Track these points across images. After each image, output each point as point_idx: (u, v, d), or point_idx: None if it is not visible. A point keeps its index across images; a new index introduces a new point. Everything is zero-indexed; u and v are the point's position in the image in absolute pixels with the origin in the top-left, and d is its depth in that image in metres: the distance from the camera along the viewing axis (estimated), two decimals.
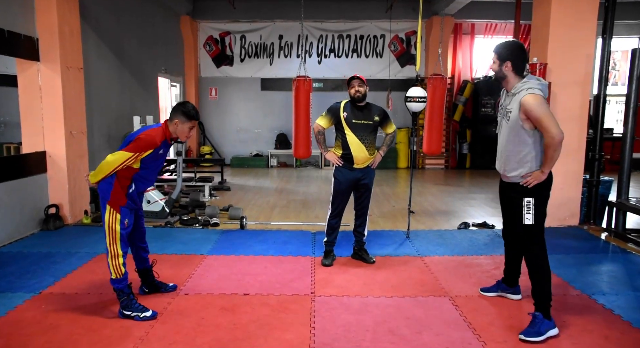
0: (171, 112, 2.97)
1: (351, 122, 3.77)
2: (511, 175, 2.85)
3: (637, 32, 10.62)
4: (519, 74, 2.78)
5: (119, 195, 2.87)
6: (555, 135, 2.61)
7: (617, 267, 4.04)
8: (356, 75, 3.82)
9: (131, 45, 7.34)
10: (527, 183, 2.78)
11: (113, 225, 2.87)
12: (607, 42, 5.24)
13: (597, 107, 5.39)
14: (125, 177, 2.88)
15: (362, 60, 10.79)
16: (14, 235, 4.56)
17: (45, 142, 4.98)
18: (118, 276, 2.91)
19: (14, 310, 3.02)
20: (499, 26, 10.51)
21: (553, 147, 2.64)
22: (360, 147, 3.76)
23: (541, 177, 2.75)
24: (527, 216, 2.79)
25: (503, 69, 2.79)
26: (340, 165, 3.85)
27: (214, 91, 11.03)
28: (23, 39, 4.62)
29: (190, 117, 2.94)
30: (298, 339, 2.70)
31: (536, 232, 2.82)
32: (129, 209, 2.94)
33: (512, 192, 2.89)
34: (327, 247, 4.03)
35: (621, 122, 9.88)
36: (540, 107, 2.63)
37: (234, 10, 9.85)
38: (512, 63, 2.76)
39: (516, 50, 2.79)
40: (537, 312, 2.78)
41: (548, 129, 2.62)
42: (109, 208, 2.87)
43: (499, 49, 2.82)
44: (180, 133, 2.96)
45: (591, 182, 5.38)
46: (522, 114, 2.69)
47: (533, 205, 2.79)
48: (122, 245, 2.92)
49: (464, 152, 10.55)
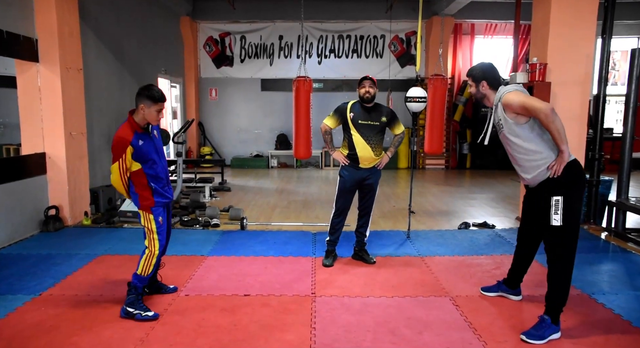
0: (135, 97, 2.88)
1: (357, 122, 3.78)
2: (534, 174, 2.75)
3: (636, 32, 10.62)
4: (495, 89, 2.88)
5: (145, 197, 2.96)
6: (542, 108, 2.58)
7: (617, 267, 4.04)
8: (368, 76, 3.80)
9: (131, 46, 7.34)
10: (555, 172, 2.66)
11: (149, 225, 2.99)
12: (606, 42, 5.24)
13: (597, 107, 5.39)
14: (138, 180, 2.94)
15: (362, 61, 10.78)
16: (14, 237, 4.56)
17: (45, 143, 4.98)
18: (144, 274, 2.98)
19: (14, 312, 3.02)
20: (499, 26, 10.51)
21: (548, 118, 2.57)
22: (366, 147, 3.77)
23: (564, 157, 2.64)
24: (555, 217, 2.67)
25: (481, 89, 2.92)
26: (347, 165, 3.86)
27: (214, 92, 11.03)
28: (22, 40, 4.62)
29: (155, 100, 2.85)
30: (299, 340, 2.70)
31: (566, 235, 2.69)
32: (159, 207, 3.00)
33: (540, 190, 2.77)
34: (329, 247, 4.03)
35: (621, 122, 9.87)
36: (517, 96, 2.68)
37: (234, 11, 9.85)
38: (487, 82, 2.88)
39: (487, 69, 2.92)
40: (547, 316, 2.73)
41: (534, 107, 2.61)
42: (142, 213, 2.99)
43: (472, 72, 2.96)
44: (149, 117, 2.87)
45: (591, 182, 5.37)
46: (509, 114, 2.72)
47: (562, 204, 2.66)
48: (160, 243, 3.02)
49: (464, 152, 10.54)
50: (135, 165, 2.90)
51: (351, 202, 3.97)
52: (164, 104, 2.94)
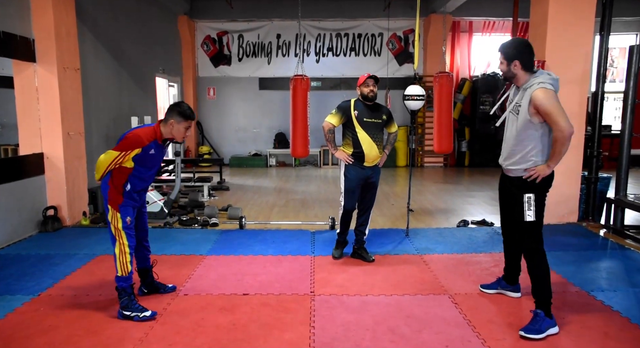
0: (166, 113, 2.97)
1: (362, 120, 3.81)
2: (514, 168, 2.84)
3: (634, 29, 10.63)
4: (529, 71, 2.76)
5: (116, 194, 2.91)
6: (564, 129, 2.58)
7: (615, 264, 4.05)
8: (373, 75, 3.82)
9: (128, 46, 7.32)
10: (530, 177, 2.75)
11: (116, 223, 2.92)
12: (604, 39, 5.24)
13: (595, 104, 5.39)
14: (119, 177, 2.90)
15: (360, 59, 10.78)
16: (12, 237, 4.55)
17: (42, 143, 4.97)
18: (124, 273, 2.93)
19: (13, 313, 3.01)
20: (496, 24, 10.50)
21: (561, 140, 2.61)
22: (372, 144, 3.81)
23: (546, 172, 2.73)
24: (529, 212, 2.78)
25: (512, 69, 2.76)
26: (351, 163, 3.86)
27: (212, 91, 11.01)
28: (19, 40, 4.60)
29: (186, 117, 2.94)
30: (298, 339, 2.70)
31: (537, 228, 2.81)
32: (129, 207, 2.95)
33: (512, 187, 2.88)
34: (340, 238, 4.11)
35: (619, 119, 9.88)
36: (550, 101, 2.62)
37: (232, 10, 9.84)
38: (520, 61, 2.74)
39: (523, 48, 2.78)
40: (539, 310, 2.77)
41: (557, 122, 2.59)
42: (110, 208, 2.92)
43: (505, 49, 2.78)
44: (177, 133, 2.96)
45: (590, 179, 5.38)
46: (531, 108, 2.67)
47: (534, 201, 2.77)
48: (129, 239, 2.95)
49: (462, 150, 10.55)
50: (129, 164, 2.89)
51: (357, 199, 4.00)
52: (192, 122, 3.02)
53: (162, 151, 3.04)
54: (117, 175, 2.90)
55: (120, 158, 2.83)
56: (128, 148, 2.83)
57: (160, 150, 3.00)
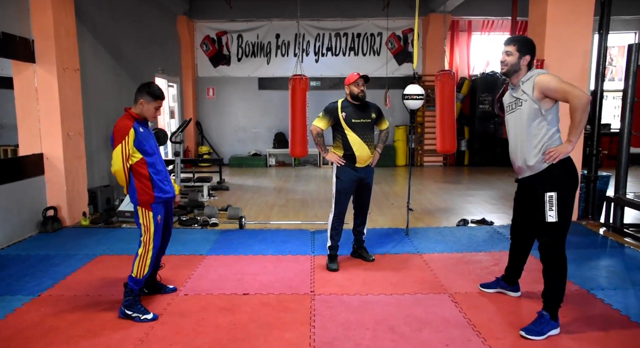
0: (135, 94, 2.97)
1: (351, 121, 3.72)
2: (531, 163, 2.73)
3: (633, 28, 10.63)
4: (529, 69, 2.80)
5: (145, 190, 2.91)
6: (581, 95, 2.52)
7: (615, 262, 4.05)
8: (364, 75, 3.75)
9: (128, 46, 7.32)
10: (550, 157, 2.64)
11: (148, 224, 2.94)
12: (603, 37, 5.24)
13: (595, 103, 5.39)
14: (140, 172, 2.91)
15: (359, 59, 10.78)
16: (12, 238, 4.55)
17: (42, 144, 4.97)
18: (139, 276, 2.95)
19: (13, 313, 3.02)
20: (495, 23, 10.50)
21: (581, 108, 2.52)
22: (363, 145, 3.72)
23: (567, 149, 2.61)
24: (550, 213, 2.65)
25: (521, 62, 2.76)
26: (343, 165, 3.78)
27: (212, 91, 11.01)
28: (18, 41, 4.60)
29: (155, 97, 2.96)
30: (298, 338, 2.70)
31: (560, 230, 2.69)
32: (159, 203, 2.97)
33: (533, 186, 2.76)
34: (332, 252, 3.89)
35: (618, 118, 9.88)
36: (555, 79, 2.61)
37: (231, 10, 9.84)
38: (531, 57, 2.76)
39: (533, 46, 2.81)
40: (545, 312, 2.74)
41: (571, 91, 2.54)
42: (140, 210, 2.93)
43: (519, 43, 2.78)
44: (147, 112, 2.96)
45: (589, 178, 5.39)
46: (538, 94, 2.64)
47: (556, 200, 2.65)
48: (155, 238, 2.97)
49: (462, 149, 10.54)
50: (136, 155, 2.89)
51: (349, 202, 3.93)
52: (162, 102, 3.02)
53: (149, 131, 3.04)
54: (138, 172, 2.91)
55: (125, 148, 2.83)
56: (122, 135, 2.84)
57: (146, 129, 3.00)
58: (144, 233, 2.97)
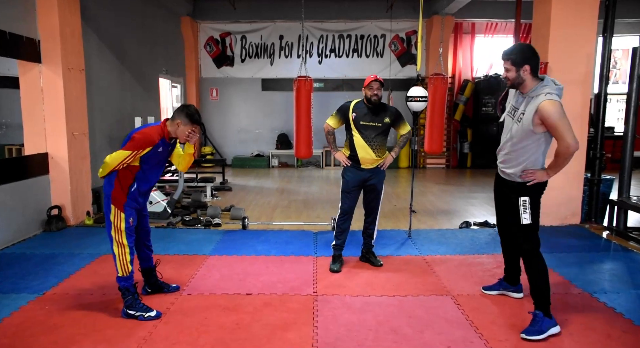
0: (175, 112, 2.99)
1: (359, 123, 3.71)
2: (510, 171, 2.84)
3: (637, 31, 10.60)
4: (536, 76, 2.72)
5: (121, 194, 2.90)
6: (570, 145, 2.56)
7: (618, 266, 4.05)
8: (377, 78, 3.70)
9: (132, 47, 7.35)
10: (526, 178, 2.76)
11: (118, 224, 2.90)
12: (607, 40, 5.24)
13: (598, 106, 5.39)
14: (126, 177, 2.90)
15: (362, 60, 10.79)
16: (17, 237, 4.58)
17: (47, 143, 5.00)
18: (125, 274, 2.93)
19: (18, 311, 3.04)
20: (499, 25, 10.50)
21: (565, 156, 2.61)
22: (366, 148, 3.70)
23: (543, 178, 2.75)
24: (525, 215, 2.79)
25: (522, 74, 2.69)
26: (349, 165, 3.80)
27: (215, 92, 11.04)
28: (25, 41, 4.63)
29: (192, 121, 2.97)
30: (301, 339, 2.71)
31: (534, 230, 2.83)
32: (132, 208, 2.95)
33: (508, 190, 2.89)
34: (336, 251, 3.91)
35: (622, 121, 9.85)
36: (557, 115, 2.57)
37: (235, 11, 9.86)
38: (530, 66, 2.68)
39: (531, 53, 2.72)
40: (537, 311, 2.78)
41: (564, 137, 2.57)
42: (113, 208, 2.90)
43: (512, 55, 2.71)
44: (180, 134, 2.98)
45: (592, 181, 5.38)
46: (537, 119, 2.63)
47: (529, 204, 2.79)
48: (128, 239, 2.94)
49: (465, 151, 10.54)
50: (136, 163, 2.89)
51: (356, 203, 3.90)
52: (198, 127, 3.05)
53: (168, 150, 3.04)
54: (124, 175, 2.89)
55: (131, 157, 2.82)
56: (139, 147, 2.82)
57: (166, 148, 3.01)
58: (114, 233, 2.90)
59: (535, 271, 2.83)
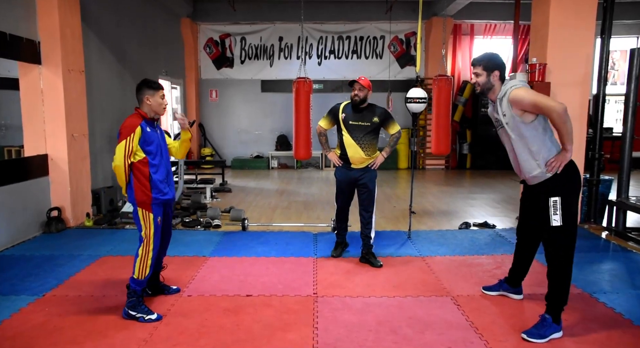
0: (137, 94, 3.01)
1: (348, 123, 3.85)
2: (535, 174, 2.76)
3: (635, 32, 10.65)
4: (502, 81, 2.84)
5: (142, 191, 2.92)
6: (556, 108, 2.56)
7: (617, 266, 4.06)
8: (359, 79, 3.84)
9: (132, 48, 7.36)
10: (553, 168, 2.68)
11: (148, 225, 2.95)
12: (605, 42, 5.26)
13: (597, 107, 5.41)
14: (141, 171, 2.92)
15: (362, 62, 10.81)
16: (17, 238, 4.58)
17: (47, 145, 5.00)
18: (141, 277, 2.95)
19: (18, 313, 3.04)
20: (498, 27, 10.53)
21: (561, 119, 2.57)
22: (356, 148, 3.83)
23: (566, 156, 2.66)
24: (555, 217, 2.68)
25: (492, 79, 2.83)
26: (340, 165, 3.95)
27: (215, 93, 11.05)
28: (25, 42, 4.64)
29: (156, 87, 3.01)
30: (301, 340, 2.72)
31: (566, 234, 2.70)
32: (158, 204, 2.98)
33: (538, 192, 2.79)
34: (337, 238, 4.22)
35: (620, 121, 9.88)
36: (528, 93, 2.65)
37: (234, 12, 9.88)
38: (500, 72, 2.81)
39: (499, 59, 2.86)
40: (548, 315, 2.74)
41: (547, 105, 2.58)
42: (140, 211, 2.94)
43: (484, 61, 2.84)
44: (156, 106, 3.00)
45: (591, 181, 5.39)
46: (516, 110, 2.68)
47: (560, 204, 2.68)
48: (155, 239, 2.98)
49: (464, 152, 10.56)
50: (140, 154, 2.91)
51: (350, 200, 4.07)
52: (163, 90, 3.08)
53: (156, 132, 3.05)
54: (139, 171, 2.92)
55: (128, 146, 2.85)
56: (129, 132, 2.86)
57: (154, 130, 3.02)
58: (144, 235, 2.96)
59: (560, 279, 2.73)
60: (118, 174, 2.91)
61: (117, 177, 2.93)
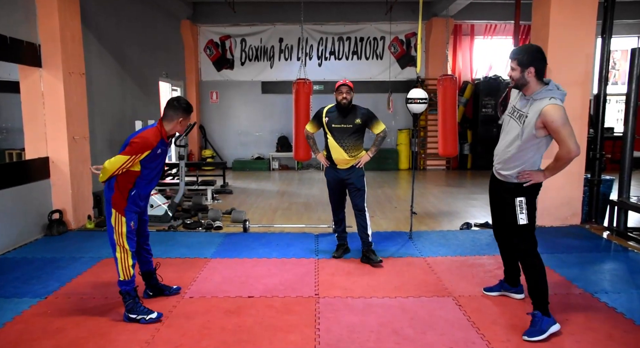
0: (169, 111, 2.96)
1: (331, 126, 3.96)
2: (507, 173, 2.85)
3: (636, 32, 10.64)
4: (541, 79, 2.71)
5: (120, 198, 2.91)
6: (572, 150, 2.57)
7: (619, 266, 4.05)
8: (345, 82, 3.93)
9: (132, 50, 7.37)
10: (523, 179, 2.77)
11: (119, 228, 2.91)
12: (606, 41, 5.26)
13: (598, 107, 5.40)
14: (126, 181, 2.90)
15: (362, 63, 10.82)
16: (18, 241, 4.59)
17: (48, 147, 5.01)
18: (126, 278, 2.94)
19: (20, 315, 3.04)
20: (498, 27, 10.53)
21: (565, 160, 2.62)
22: (339, 149, 3.93)
23: (540, 179, 2.76)
24: (521, 216, 2.80)
25: (526, 76, 2.67)
26: (328, 166, 4.09)
27: (215, 95, 11.06)
28: (25, 46, 4.65)
29: (190, 112, 3.04)
30: (303, 341, 2.72)
31: (530, 230, 2.83)
32: (133, 212, 2.96)
33: (504, 191, 2.89)
34: (338, 240, 4.30)
35: (621, 121, 9.87)
36: (561, 120, 2.57)
37: (234, 14, 9.89)
38: (535, 69, 2.66)
39: (538, 54, 2.69)
40: (536, 311, 2.78)
41: (566, 142, 2.58)
42: (114, 212, 2.91)
43: (519, 55, 2.69)
44: (181, 128, 3.04)
45: (592, 181, 5.39)
46: (539, 123, 2.63)
47: (525, 204, 2.79)
48: (130, 243, 2.94)
49: (465, 152, 10.56)
50: (136, 168, 2.90)
51: (342, 199, 4.19)
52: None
53: (166, 149, 3.07)
54: (124, 179, 2.90)
55: (129, 162, 2.82)
56: (138, 152, 2.83)
57: (165, 148, 3.03)
58: (116, 237, 2.91)
59: (532, 271, 2.83)
60: (103, 173, 2.85)
61: (101, 172, 2.85)
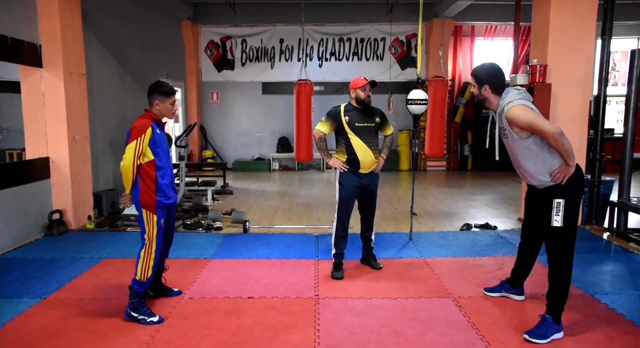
0: (148, 96, 3.01)
1: (354, 125, 3.67)
2: (540, 182, 2.80)
3: (636, 33, 10.65)
4: (498, 94, 2.82)
5: (148, 193, 2.93)
6: (551, 131, 2.58)
7: (619, 267, 4.05)
8: (372, 80, 3.73)
9: (133, 51, 7.38)
10: (557, 179, 2.71)
11: (151, 227, 2.95)
12: (606, 42, 5.26)
13: (598, 108, 5.40)
14: (147, 173, 2.93)
15: (362, 63, 10.82)
16: (18, 241, 4.59)
17: (48, 147, 5.01)
18: (143, 278, 2.96)
19: (20, 316, 3.04)
20: (498, 28, 10.54)
21: (556, 142, 2.60)
22: (367, 150, 3.66)
23: (569, 170, 2.68)
24: (556, 218, 2.72)
25: (483, 92, 2.84)
26: (346, 171, 3.71)
27: (216, 95, 11.07)
28: (26, 46, 4.66)
29: (167, 94, 3.00)
30: (303, 341, 2.72)
31: (566, 235, 2.74)
32: (162, 207, 2.99)
33: (543, 194, 2.82)
34: (337, 259, 3.81)
35: (621, 123, 9.87)
36: (524, 114, 2.63)
37: (235, 15, 9.90)
38: (489, 86, 2.80)
39: (492, 72, 2.83)
40: (548, 315, 2.75)
41: (542, 129, 2.60)
42: (144, 212, 2.94)
43: (477, 73, 2.87)
44: (165, 111, 3.02)
45: (592, 183, 5.39)
46: (514, 128, 2.70)
47: (563, 207, 2.71)
48: (158, 240, 2.98)
49: (465, 153, 10.56)
50: (149, 155, 2.91)
51: (352, 210, 3.80)
52: (174, 96, 3.08)
53: (163, 133, 3.08)
54: (145, 173, 2.92)
55: (140, 145, 2.85)
56: (140, 133, 2.86)
57: (162, 131, 3.05)
58: (147, 237, 2.97)
59: (559, 275, 2.75)
60: (125, 174, 2.89)
61: (124, 178, 2.91)
